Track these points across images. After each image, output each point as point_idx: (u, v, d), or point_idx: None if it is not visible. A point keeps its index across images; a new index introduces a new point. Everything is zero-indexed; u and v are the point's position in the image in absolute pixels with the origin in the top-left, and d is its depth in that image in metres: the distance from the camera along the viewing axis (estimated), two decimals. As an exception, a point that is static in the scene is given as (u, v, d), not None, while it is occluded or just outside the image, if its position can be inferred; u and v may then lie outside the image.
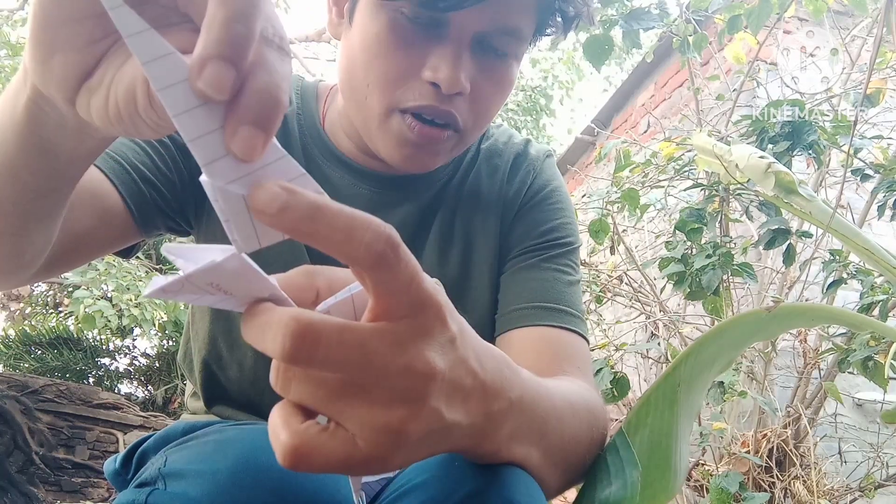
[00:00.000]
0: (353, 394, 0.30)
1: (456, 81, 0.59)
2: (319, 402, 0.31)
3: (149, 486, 0.47)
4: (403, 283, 0.30)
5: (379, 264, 0.29)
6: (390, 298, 0.30)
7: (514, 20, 0.60)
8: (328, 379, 0.30)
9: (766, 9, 1.69)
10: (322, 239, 0.28)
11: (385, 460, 0.31)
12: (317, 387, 0.30)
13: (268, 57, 0.28)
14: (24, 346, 6.05)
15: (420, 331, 0.31)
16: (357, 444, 0.31)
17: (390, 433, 0.31)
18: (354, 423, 0.31)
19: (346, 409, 0.30)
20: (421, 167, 0.65)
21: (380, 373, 0.30)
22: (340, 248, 0.28)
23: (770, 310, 0.68)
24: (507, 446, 0.41)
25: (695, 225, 1.62)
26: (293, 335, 0.28)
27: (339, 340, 0.29)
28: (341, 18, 0.66)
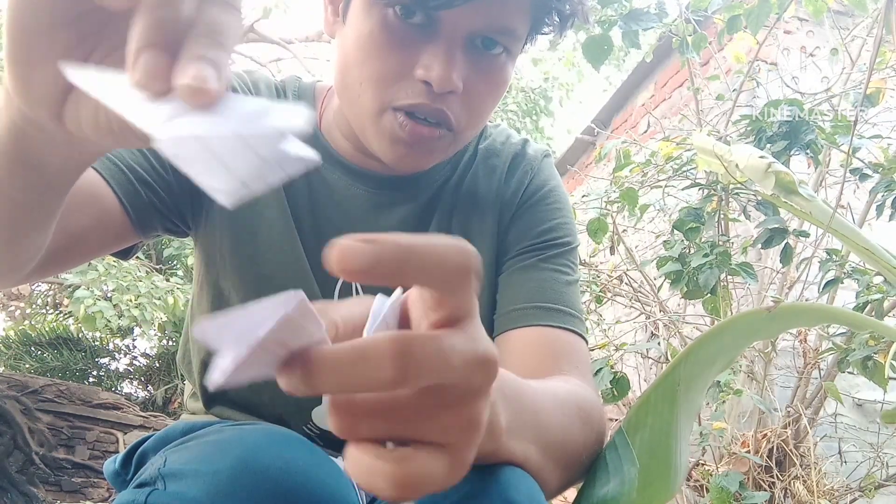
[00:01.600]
0: (430, 404, 0.29)
1: (448, 80, 0.59)
2: (397, 427, 0.29)
3: (148, 486, 0.47)
4: (471, 288, 0.30)
5: (466, 282, 0.29)
6: (459, 303, 0.30)
7: (508, 19, 0.60)
8: (402, 400, 0.29)
9: (766, 9, 1.69)
10: (412, 279, 0.28)
11: (468, 460, 0.31)
12: (392, 413, 0.29)
13: (211, 10, 0.28)
14: (24, 346, 6.05)
15: (478, 323, 0.31)
16: (450, 452, 0.30)
17: (472, 427, 0.31)
18: (439, 431, 0.30)
19: (427, 421, 0.30)
20: (415, 166, 0.65)
21: (462, 371, 0.29)
22: (432, 280, 0.28)
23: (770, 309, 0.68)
24: (507, 442, 0.41)
25: (693, 224, 1.62)
26: (400, 356, 0.27)
27: (438, 348, 0.28)
28: (336, 17, 0.66)
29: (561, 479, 0.52)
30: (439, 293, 0.29)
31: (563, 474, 0.52)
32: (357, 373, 0.27)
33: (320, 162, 0.25)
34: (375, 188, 0.73)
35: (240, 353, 0.26)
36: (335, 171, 0.72)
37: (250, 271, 0.69)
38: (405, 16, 0.59)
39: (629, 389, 1.64)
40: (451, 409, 0.30)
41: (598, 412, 0.59)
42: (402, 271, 0.27)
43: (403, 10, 0.58)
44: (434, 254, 0.27)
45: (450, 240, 0.28)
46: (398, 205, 0.73)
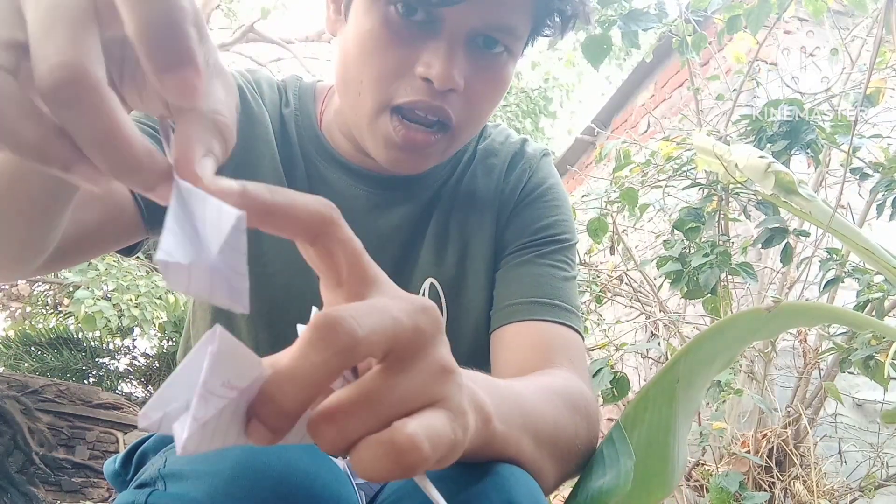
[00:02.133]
0: (397, 371, 0.29)
1: (449, 77, 0.59)
2: (380, 411, 0.29)
3: (149, 486, 0.47)
4: (359, 251, 0.32)
5: (331, 226, 0.30)
6: (355, 270, 0.31)
7: (509, 18, 0.60)
8: (369, 383, 0.29)
9: (765, 9, 1.69)
10: (276, 215, 0.29)
11: (464, 408, 0.32)
12: (368, 401, 0.29)
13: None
14: (24, 346, 6.05)
15: (391, 285, 0.33)
16: (438, 407, 0.30)
17: (446, 373, 0.31)
18: (418, 393, 0.30)
19: (403, 391, 0.30)
20: (410, 169, 0.65)
21: (407, 321, 0.29)
22: (292, 221, 0.29)
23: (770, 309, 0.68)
24: (500, 431, 0.41)
25: (693, 224, 1.62)
26: (328, 328, 0.27)
27: (366, 309, 0.28)
28: (338, 15, 0.66)
29: (556, 472, 0.52)
30: (315, 246, 0.30)
31: (557, 467, 0.52)
32: (305, 368, 0.27)
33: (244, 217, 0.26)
34: (375, 188, 0.73)
35: (190, 410, 0.25)
36: (335, 170, 0.72)
37: (253, 270, 0.69)
38: (407, 13, 0.58)
39: (629, 389, 1.64)
40: (418, 367, 0.30)
41: (591, 405, 0.58)
42: (262, 205, 0.28)
43: (405, 8, 0.58)
44: (291, 195, 0.29)
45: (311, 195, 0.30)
46: (397, 205, 0.73)
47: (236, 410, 0.27)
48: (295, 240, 0.31)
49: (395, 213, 0.73)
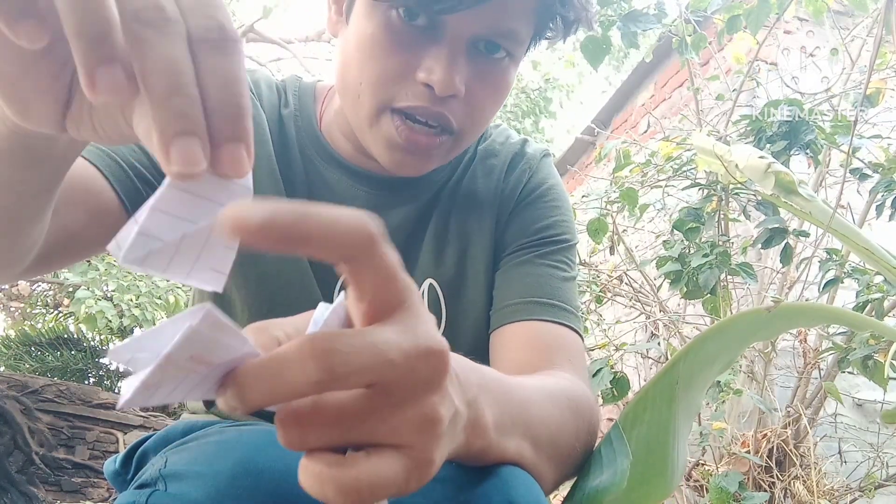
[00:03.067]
0: (379, 405, 0.29)
1: (450, 84, 0.58)
2: (348, 433, 0.29)
3: (149, 487, 0.47)
4: (392, 271, 0.29)
5: (371, 251, 0.28)
6: (382, 291, 0.29)
7: (512, 23, 0.60)
8: (347, 404, 0.29)
9: (765, 9, 1.69)
10: (307, 242, 0.26)
11: (432, 461, 0.31)
12: (339, 419, 0.28)
13: (210, 61, 0.27)
14: (24, 346, 6.05)
15: (417, 313, 0.30)
16: (405, 454, 0.29)
17: (428, 424, 0.30)
18: (392, 432, 0.29)
19: (378, 423, 0.29)
20: (412, 171, 0.65)
21: (403, 364, 0.28)
22: (330, 246, 0.27)
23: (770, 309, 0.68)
24: (497, 441, 0.41)
25: (692, 224, 1.62)
26: (322, 355, 0.26)
27: (366, 343, 0.27)
28: (340, 17, 0.66)
29: (556, 473, 0.52)
30: (347, 266, 0.28)
31: (557, 469, 0.52)
32: (283, 380, 0.27)
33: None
34: (375, 189, 0.72)
35: (146, 371, 0.25)
36: (335, 171, 0.72)
37: (252, 271, 0.69)
38: (408, 18, 0.58)
39: (629, 389, 1.64)
40: (402, 408, 0.29)
41: (590, 405, 0.58)
42: (297, 232, 0.25)
43: (407, 13, 0.58)
44: (329, 216, 0.26)
45: (347, 209, 0.28)
46: (398, 206, 0.73)
47: (204, 379, 0.27)
48: (327, 261, 0.28)
49: (395, 214, 0.73)
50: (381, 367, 0.28)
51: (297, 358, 0.27)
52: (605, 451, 0.54)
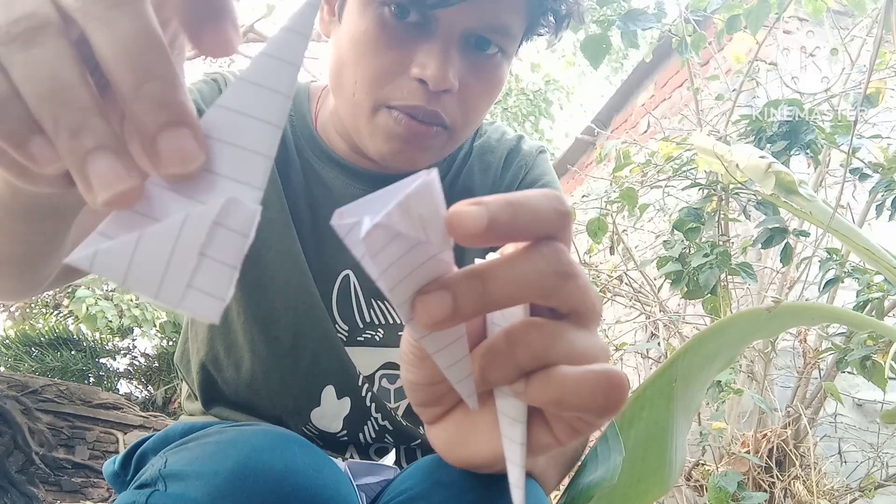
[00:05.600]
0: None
1: (444, 78, 0.59)
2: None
3: (149, 487, 0.47)
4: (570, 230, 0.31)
5: (568, 223, 0.29)
6: (583, 302, 0.30)
7: (504, 18, 0.60)
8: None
9: (765, 9, 1.69)
10: (522, 230, 0.27)
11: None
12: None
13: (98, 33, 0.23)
14: (24, 346, 6.05)
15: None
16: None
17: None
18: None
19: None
20: (410, 163, 0.65)
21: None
22: (540, 227, 0.28)
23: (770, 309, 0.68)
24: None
25: (692, 224, 1.62)
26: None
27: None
28: (332, 16, 0.66)
29: (559, 476, 0.52)
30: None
31: (561, 472, 0.52)
32: (526, 271, 0.27)
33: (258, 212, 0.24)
34: (372, 187, 0.72)
35: (383, 212, 0.24)
36: (332, 170, 0.72)
37: (251, 272, 0.69)
38: (400, 15, 0.58)
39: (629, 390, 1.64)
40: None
41: None
42: (514, 224, 0.27)
43: (399, 9, 0.58)
44: (535, 200, 0.28)
45: (538, 190, 0.29)
46: None
47: (414, 259, 0.26)
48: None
49: None
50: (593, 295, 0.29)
51: (538, 250, 0.28)
52: (601, 448, 0.54)
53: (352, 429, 0.72)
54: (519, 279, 0.27)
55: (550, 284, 0.28)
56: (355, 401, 0.71)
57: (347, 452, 0.73)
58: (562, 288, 0.28)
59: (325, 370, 0.70)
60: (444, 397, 0.33)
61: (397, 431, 0.73)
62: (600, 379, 0.28)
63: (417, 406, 0.34)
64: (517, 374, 0.28)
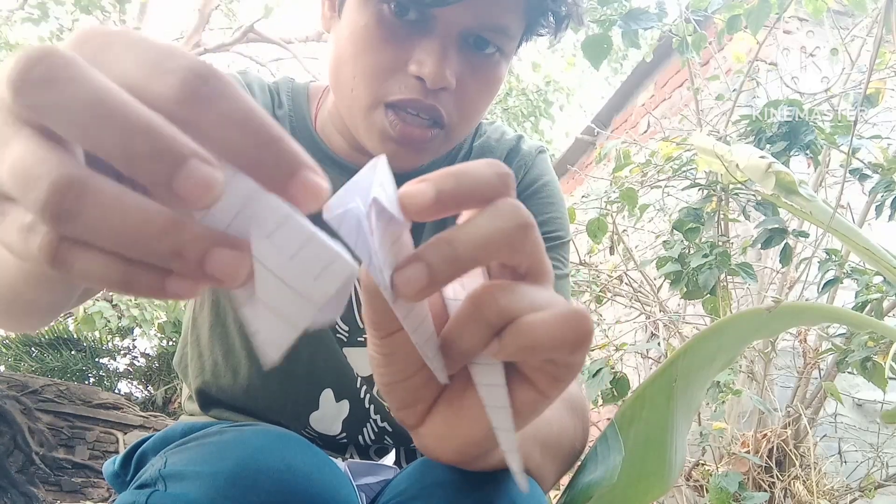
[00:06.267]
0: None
1: (441, 76, 0.59)
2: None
3: (149, 487, 0.47)
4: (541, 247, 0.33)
5: (509, 184, 0.31)
6: (537, 263, 0.33)
7: (502, 18, 0.60)
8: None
9: (765, 9, 1.69)
10: (468, 199, 0.29)
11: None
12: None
13: (200, 120, 0.23)
14: (24, 347, 6.05)
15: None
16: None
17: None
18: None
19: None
20: (406, 164, 0.65)
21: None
22: (485, 192, 0.30)
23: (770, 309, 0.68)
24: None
25: (692, 224, 1.62)
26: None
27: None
28: (332, 12, 0.66)
29: (556, 474, 0.52)
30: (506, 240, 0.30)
31: (558, 469, 0.52)
32: (490, 229, 0.29)
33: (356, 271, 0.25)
34: None
35: (372, 193, 0.26)
36: (332, 171, 0.72)
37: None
38: (399, 12, 0.59)
39: (629, 390, 1.64)
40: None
41: (583, 403, 0.59)
42: (460, 191, 0.29)
43: (398, 7, 0.58)
44: (475, 167, 0.30)
45: (479, 160, 0.31)
46: None
47: (390, 239, 0.28)
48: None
49: None
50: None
51: (498, 209, 0.30)
52: (601, 448, 0.54)
53: (351, 431, 0.72)
54: (486, 236, 0.29)
55: (516, 236, 0.29)
56: (354, 403, 0.71)
57: (347, 453, 0.73)
58: (526, 239, 0.30)
59: (323, 373, 0.70)
60: (420, 392, 0.34)
61: (397, 432, 0.73)
62: (567, 315, 0.29)
63: (398, 411, 0.35)
64: (489, 334, 0.30)
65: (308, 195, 0.24)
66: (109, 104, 0.21)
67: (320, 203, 0.24)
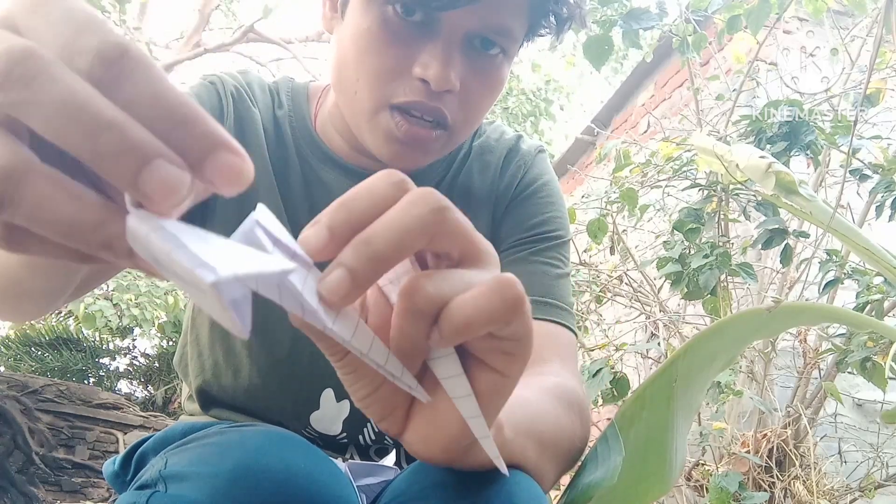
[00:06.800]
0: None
1: (446, 79, 0.59)
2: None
3: (149, 488, 0.47)
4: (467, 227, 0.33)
5: (403, 184, 0.31)
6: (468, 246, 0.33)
7: (506, 20, 0.60)
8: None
9: (766, 9, 1.69)
10: (364, 223, 0.29)
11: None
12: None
13: (121, 93, 0.23)
14: (24, 347, 6.05)
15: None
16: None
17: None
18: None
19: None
20: (410, 164, 0.65)
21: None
22: (376, 208, 0.30)
23: (770, 308, 0.68)
24: (511, 440, 0.41)
25: (692, 225, 1.62)
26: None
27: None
28: (334, 13, 0.66)
29: (555, 473, 0.52)
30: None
31: (558, 468, 0.52)
32: (406, 221, 0.29)
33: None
34: None
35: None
36: (331, 170, 0.72)
37: None
38: (405, 14, 0.59)
39: (629, 390, 1.64)
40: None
41: (583, 402, 0.59)
42: (354, 218, 0.29)
43: (403, 9, 0.58)
44: (363, 187, 0.30)
45: (371, 176, 0.30)
46: None
47: (294, 280, 0.27)
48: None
49: None
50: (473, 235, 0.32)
51: (410, 201, 0.30)
52: (601, 449, 0.54)
53: (351, 431, 0.72)
54: (400, 227, 0.28)
55: (431, 221, 0.29)
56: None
57: (348, 453, 0.73)
58: (443, 223, 0.30)
59: (323, 373, 0.70)
60: (393, 398, 0.34)
61: (397, 432, 0.73)
62: (492, 286, 0.29)
63: (380, 422, 0.35)
64: (426, 324, 0.30)
65: (224, 176, 0.24)
66: (79, 103, 0.22)
67: (241, 184, 0.24)
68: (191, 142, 0.23)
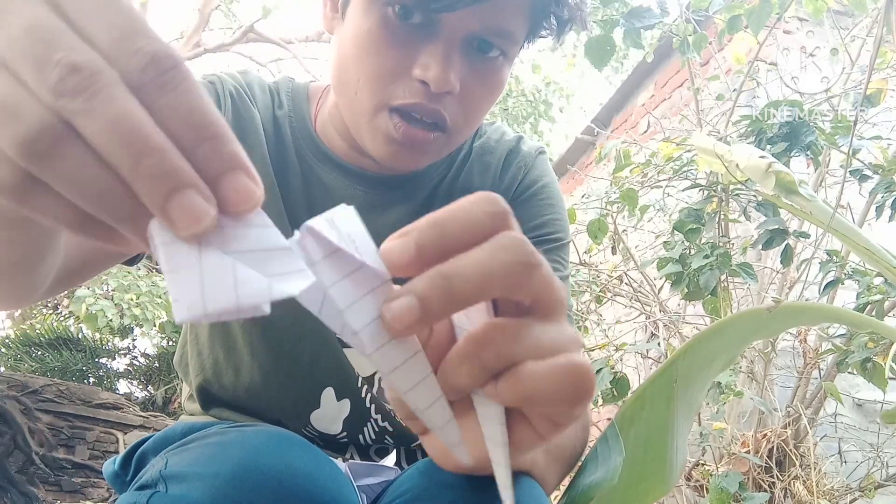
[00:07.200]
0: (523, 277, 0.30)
1: (446, 81, 0.59)
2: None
3: (150, 488, 0.47)
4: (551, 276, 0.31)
5: (507, 220, 0.30)
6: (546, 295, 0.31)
7: (507, 22, 0.60)
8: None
9: (766, 9, 1.69)
10: (456, 247, 0.28)
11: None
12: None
13: (160, 102, 0.24)
14: (24, 347, 6.05)
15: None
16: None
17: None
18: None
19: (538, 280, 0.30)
20: (409, 165, 0.65)
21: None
22: (473, 235, 0.28)
23: (770, 309, 0.68)
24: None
25: (692, 225, 1.62)
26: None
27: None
28: (335, 13, 0.66)
29: (559, 476, 0.52)
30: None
31: (560, 470, 0.52)
32: (490, 266, 0.27)
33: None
34: (372, 188, 0.72)
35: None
36: (331, 171, 0.72)
37: None
38: (404, 16, 0.59)
39: (629, 390, 1.64)
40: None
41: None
42: (445, 242, 0.27)
43: (403, 10, 0.58)
44: (461, 211, 0.28)
45: (467, 197, 0.29)
46: (394, 205, 0.73)
47: (360, 283, 0.27)
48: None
49: (392, 213, 0.73)
50: (557, 284, 0.30)
51: (500, 244, 0.28)
52: (601, 449, 0.54)
53: (352, 430, 0.72)
54: (484, 272, 0.27)
55: (516, 274, 0.28)
56: (355, 402, 0.71)
57: (348, 453, 0.73)
58: (528, 278, 0.28)
59: (324, 372, 0.70)
60: None
61: (397, 432, 0.73)
62: (567, 370, 0.28)
63: (406, 420, 0.34)
64: (485, 377, 0.28)
65: (236, 197, 0.25)
66: (131, 125, 0.23)
67: (249, 209, 0.25)
68: (214, 158, 0.25)
